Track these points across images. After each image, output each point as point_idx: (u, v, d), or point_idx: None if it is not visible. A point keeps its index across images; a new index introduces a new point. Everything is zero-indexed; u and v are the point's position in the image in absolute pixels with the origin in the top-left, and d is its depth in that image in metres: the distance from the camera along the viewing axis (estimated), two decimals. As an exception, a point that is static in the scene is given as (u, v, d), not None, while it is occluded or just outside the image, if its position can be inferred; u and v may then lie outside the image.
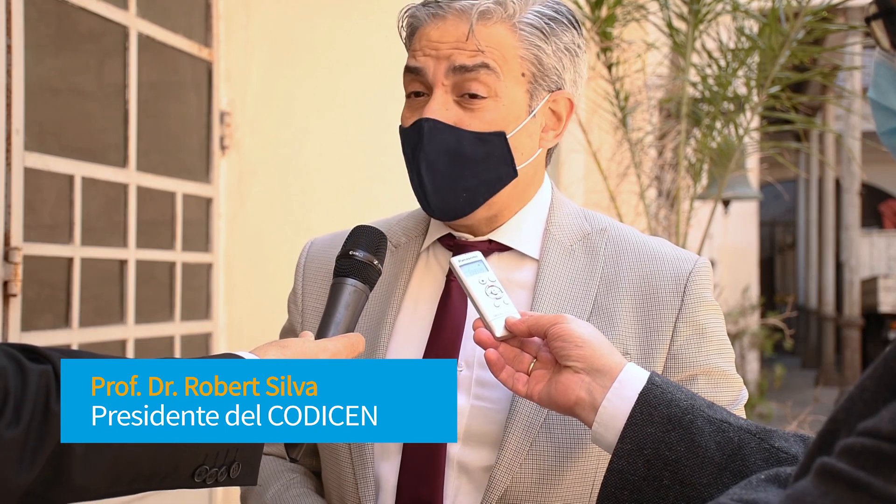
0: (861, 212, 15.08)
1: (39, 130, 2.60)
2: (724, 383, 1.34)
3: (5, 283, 2.35)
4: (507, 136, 1.31)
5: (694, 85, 4.22)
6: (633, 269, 1.35)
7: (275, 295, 1.59)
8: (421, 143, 1.30)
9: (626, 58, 4.36)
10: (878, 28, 0.89)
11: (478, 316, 1.25)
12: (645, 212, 4.42)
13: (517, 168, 1.33)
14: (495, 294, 1.25)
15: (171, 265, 3.20)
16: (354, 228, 1.32)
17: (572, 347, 1.16)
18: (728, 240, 13.42)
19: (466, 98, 1.30)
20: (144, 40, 3.02)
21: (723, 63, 4.15)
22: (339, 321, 1.24)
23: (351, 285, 1.27)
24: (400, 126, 1.36)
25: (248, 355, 1.11)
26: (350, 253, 1.28)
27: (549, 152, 1.43)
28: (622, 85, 4.32)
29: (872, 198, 17.52)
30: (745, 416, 1.34)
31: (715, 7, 4.01)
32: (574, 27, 1.37)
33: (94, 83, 3.01)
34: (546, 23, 1.33)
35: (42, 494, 0.96)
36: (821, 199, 17.16)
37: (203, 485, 1.07)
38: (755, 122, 4.50)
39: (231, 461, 1.07)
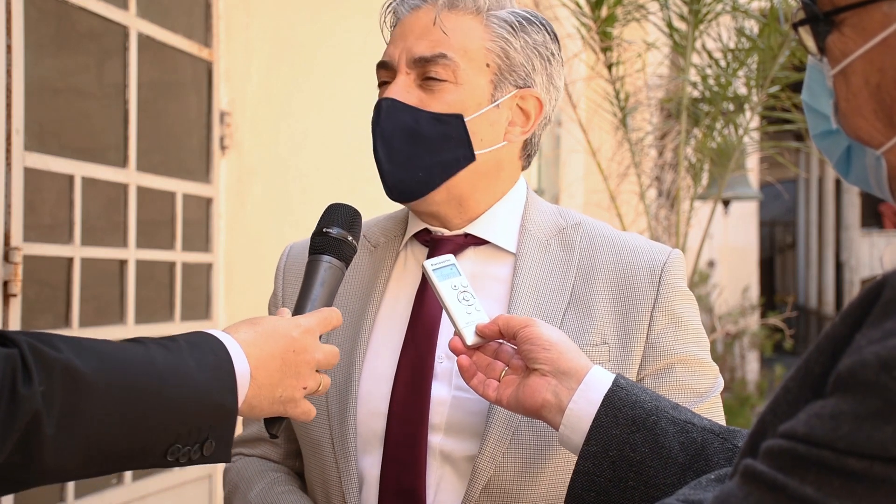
0: (861, 212, 15.09)
1: (39, 130, 2.60)
2: (701, 371, 1.36)
3: (5, 283, 2.35)
4: (465, 119, 1.34)
5: (694, 85, 4.22)
6: (608, 262, 1.38)
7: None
8: (378, 120, 1.35)
9: (626, 58, 4.36)
10: (805, 33, 0.91)
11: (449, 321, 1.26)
12: (645, 212, 4.42)
13: (475, 152, 1.36)
14: (467, 300, 1.25)
15: (171, 265, 3.20)
16: (329, 206, 1.33)
17: (539, 350, 1.18)
18: (728, 240, 13.42)
19: (427, 81, 1.34)
20: (144, 40, 3.02)
21: (723, 63, 4.15)
22: (316, 298, 1.25)
23: (326, 262, 1.27)
24: None
25: (219, 334, 1.11)
26: (325, 230, 1.29)
27: (528, 154, 1.46)
28: (622, 85, 4.32)
29: (872, 198, 17.51)
30: (720, 405, 1.37)
31: (715, 7, 4.02)
32: (548, 33, 1.41)
33: (94, 83, 3.01)
34: (518, 20, 1.38)
35: (12, 477, 0.95)
36: (821, 199, 17.17)
37: (176, 463, 1.05)
38: (755, 122, 4.51)
39: (204, 439, 1.06)
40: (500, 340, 1.25)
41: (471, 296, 1.26)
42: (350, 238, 1.30)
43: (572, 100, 4.41)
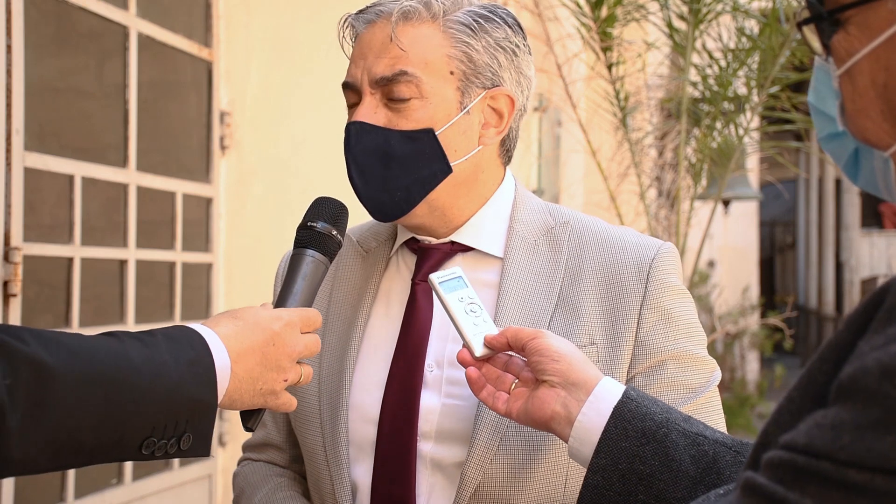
0: (861, 212, 15.09)
1: (39, 130, 2.60)
2: (694, 366, 1.33)
3: (5, 283, 2.35)
4: (436, 133, 1.32)
5: (694, 85, 4.22)
6: (596, 260, 1.36)
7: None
8: (349, 145, 1.33)
9: (626, 58, 4.36)
10: (809, 32, 0.89)
11: (455, 330, 1.25)
12: (645, 212, 4.42)
13: (451, 164, 1.34)
14: (475, 312, 1.24)
15: (171, 265, 3.20)
16: (316, 200, 1.32)
17: (549, 361, 1.16)
18: (728, 240, 13.41)
19: (393, 101, 1.32)
20: (144, 40, 3.02)
21: (723, 63, 4.15)
22: (297, 292, 1.24)
23: (310, 256, 1.26)
24: None
25: (199, 328, 1.10)
26: (309, 224, 1.28)
27: (507, 150, 1.43)
28: (622, 85, 4.32)
29: (872, 198, 17.50)
30: (717, 400, 1.35)
31: (715, 7, 4.01)
32: (509, 26, 1.38)
33: (94, 83, 3.01)
34: (475, 20, 1.34)
35: None
36: (821, 199, 17.16)
37: (152, 457, 1.05)
38: (755, 122, 4.51)
39: (181, 433, 1.05)
40: (510, 353, 1.24)
41: (478, 307, 1.25)
42: (335, 232, 1.28)
43: (572, 100, 4.41)
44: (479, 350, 1.22)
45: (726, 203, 8.83)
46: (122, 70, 2.94)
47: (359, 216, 1.50)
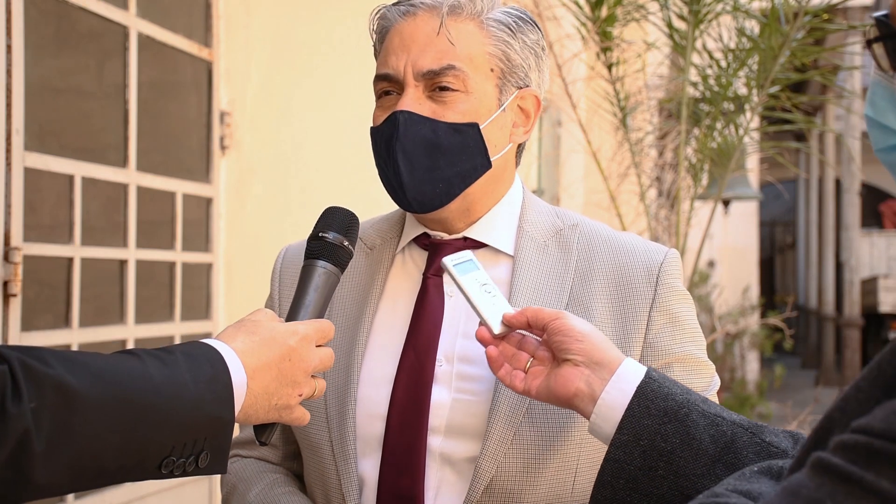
0: (861, 212, 15.09)
1: (39, 130, 2.60)
2: (698, 370, 1.38)
3: (5, 283, 2.35)
4: (481, 127, 1.34)
5: (694, 85, 4.21)
6: (606, 262, 1.39)
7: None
8: (396, 133, 1.32)
9: (626, 58, 4.35)
10: (878, 50, 0.91)
11: (469, 314, 1.27)
12: (645, 212, 4.41)
13: (491, 159, 1.36)
14: (490, 292, 1.27)
15: (171, 265, 3.20)
16: (326, 210, 1.32)
17: (573, 341, 1.20)
18: (728, 240, 13.42)
19: (438, 91, 1.33)
20: (144, 40, 3.02)
21: (723, 63, 4.15)
22: (309, 304, 1.24)
23: (321, 268, 1.26)
24: (371, 127, 1.38)
25: (216, 344, 1.10)
26: (320, 234, 1.27)
27: (519, 152, 1.46)
28: (622, 85, 4.32)
29: (872, 198, 17.51)
30: (718, 402, 1.37)
31: (715, 7, 4.01)
32: (539, 30, 1.42)
33: (94, 83, 3.01)
34: (514, 20, 1.38)
35: (3, 493, 0.94)
36: (821, 199, 17.16)
37: (170, 475, 1.05)
38: (755, 122, 4.51)
39: (199, 451, 1.06)
40: (523, 332, 1.26)
41: (493, 287, 1.27)
42: (346, 243, 1.28)
43: (572, 100, 4.41)
44: (498, 328, 1.24)
45: (726, 203, 8.83)
46: (122, 70, 2.94)
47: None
